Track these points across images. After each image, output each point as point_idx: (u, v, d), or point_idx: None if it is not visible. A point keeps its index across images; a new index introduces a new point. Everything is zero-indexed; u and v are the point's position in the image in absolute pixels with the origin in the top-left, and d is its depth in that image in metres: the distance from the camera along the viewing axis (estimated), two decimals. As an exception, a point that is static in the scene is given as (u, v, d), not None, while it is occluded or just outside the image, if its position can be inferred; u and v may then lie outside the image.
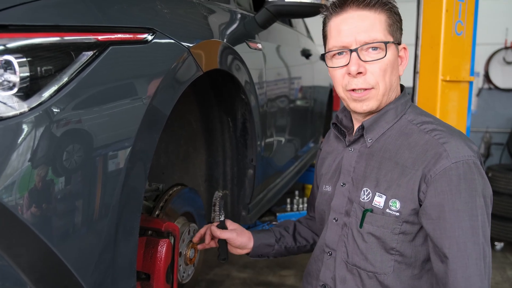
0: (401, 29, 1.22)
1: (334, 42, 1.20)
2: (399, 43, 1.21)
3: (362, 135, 1.25)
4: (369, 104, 1.20)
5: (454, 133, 1.15)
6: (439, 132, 1.15)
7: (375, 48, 1.16)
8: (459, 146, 1.10)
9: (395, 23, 1.20)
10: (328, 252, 1.30)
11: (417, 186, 1.11)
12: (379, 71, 1.17)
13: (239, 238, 1.48)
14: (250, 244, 1.49)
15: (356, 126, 1.30)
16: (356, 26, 1.16)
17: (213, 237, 1.50)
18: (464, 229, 1.07)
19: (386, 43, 1.15)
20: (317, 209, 1.41)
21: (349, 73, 1.17)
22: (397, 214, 1.14)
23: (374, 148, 1.22)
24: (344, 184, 1.28)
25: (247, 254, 1.52)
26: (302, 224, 1.59)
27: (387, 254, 1.16)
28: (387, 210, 1.15)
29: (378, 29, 1.16)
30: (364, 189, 1.20)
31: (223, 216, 1.52)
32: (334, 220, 1.29)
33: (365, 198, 1.20)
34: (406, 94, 1.27)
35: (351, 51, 1.16)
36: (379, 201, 1.17)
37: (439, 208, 1.08)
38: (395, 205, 1.14)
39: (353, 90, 1.19)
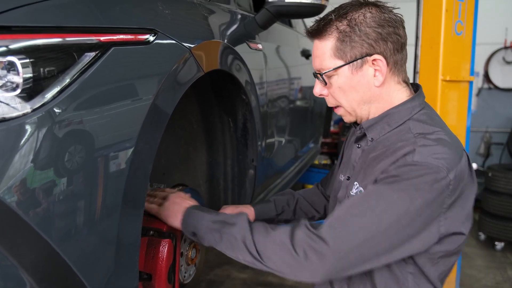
0: (363, 41, 1.15)
1: None
2: (356, 59, 1.17)
3: (365, 134, 1.27)
4: (347, 118, 1.28)
5: (445, 147, 1.09)
6: (430, 140, 1.10)
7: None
8: (434, 153, 1.06)
9: (347, 41, 1.16)
10: None
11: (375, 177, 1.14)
12: (337, 93, 1.23)
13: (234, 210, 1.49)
14: (251, 216, 1.51)
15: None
16: (313, 54, 1.25)
17: None
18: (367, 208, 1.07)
19: (334, 68, 1.19)
20: (331, 194, 1.46)
21: None
22: None
23: (372, 147, 1.24)
24: (348, 178, 1.31)
25: None
26: (305, 200, 1.62)
27: None
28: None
29: (325, 56, 1.20)
30: (355, 183, 1.24)
31: None
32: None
33: (353, 191, 1.23)
34: (417, 98, 1.22)
35: (314, 75, 1.26)
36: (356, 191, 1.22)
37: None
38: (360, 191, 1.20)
39: None
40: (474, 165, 4.42)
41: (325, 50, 1.19)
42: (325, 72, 1.20)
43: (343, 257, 1.04)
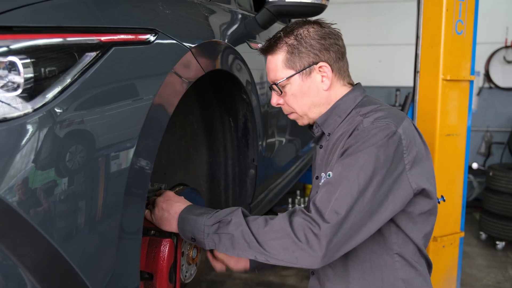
0: (309, 51, 1.30)
1: None
2: (305, 68, 1.31)
3: (323, 132, 1.38)
4: (300, 122, 1.42)
5: (385, 112, 1.23)
6: (372, 112, 1.25)
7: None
8: (377, 117, 1.21)
9: (295, 52, 1.31)
10: None
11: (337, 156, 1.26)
12: (291, 100, 1.36)
13: (236, 266, 1.56)
14: (246, 267, 1.57)
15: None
16: (267, 68, 1.38)
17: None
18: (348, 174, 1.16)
19: (286, 77, 1.32)
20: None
21: None
22: None
23: (332, 140, 1.35)
24: (317, 177, 1.41)
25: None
26: None
27: None
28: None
29: (278, 68, 1.34)
30: (322, 174, 1.35)
31: None
32: None
33: (322, 181, 1.33)
34: (357, 88, 1.37)
35: (270, 88, 1.39)
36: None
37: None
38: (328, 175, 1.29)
39: None
40: (475, 165, 4.38)
41: (277, 63, 1.33)
42: (279, 82, 1.33)
43: (338, 230, 1.11)
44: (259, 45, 1.95)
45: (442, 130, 2.38)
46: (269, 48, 1.35)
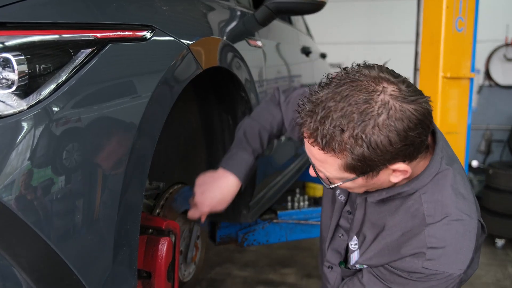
0: (381, 158, 0.92)
1: None
2: (373, 171, 0.96)
3: None
4: None
5: (454, 239, 1.00)
6: (437, 240, 1.00)
7: None
8: (445, 259, 1.00)
9: (363, 163, 0.93)
10: (329, 266, 1.32)
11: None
12: (340, 187, 1.06)
13: (224, 206, 1.40)
14: (236, 187, 1.39)
15: None
16: (313, 157, 1.01)
17: None
18: None
19: (343, 181, 1.00)
20: (324, 200, 1.36)
21: None
22: None
23: (382, 208, 1.11)
24: (350, 213, 1.23)
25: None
26: (272, 130, 1.46)
27: None
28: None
29: (331, 169, 0.98)
30: (354, 237, 1.19)
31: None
32: (340, 237, 1.29)
33: (352, 245, 1.20)
34: (432, 167, 1.03)
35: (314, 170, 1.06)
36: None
37: None
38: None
39: None
40: (475, 163, 4.37)
41: (331, 163, 0.96)
42: (333, 186, 1.03)
43: None
44: (258, 43, 1.95)
45: (442, 128, 2.37)
46: (318, 140, 0.92)
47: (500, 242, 3.91)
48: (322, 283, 1.39)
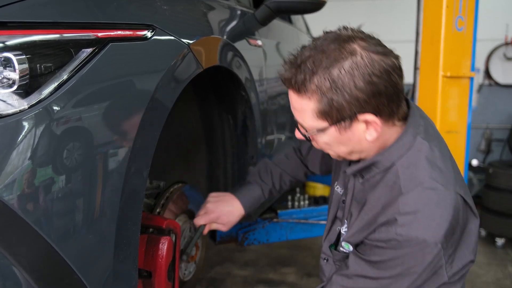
0: (351, 104, 0.99)
1: None
2: (344, 120, 1.01)
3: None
4: (332, 156, 1.18)
5: (430, 202, 1.01)
6: (412, 203, 1.02)
7: None
8: (416, 220, 1.00)
9: (332, 106, 0.99)
10: (325, 258, 1.33)
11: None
12: (323, 146, 1.13)
13: (225, 227, 1.52)
14: (240, 212, 1.52)
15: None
16: (291, 104, 1.09)
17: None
18: None
19: (318, 130, 1.05)
20: (329, 199, 1.41)
21: None
22: None
23: (364, 184, 1.16)
24: (344, 201, 1.27)
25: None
26: (287, 173, 1.60)
27: None
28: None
29: (306, 115, 1.04)
30: (345, 221, 1.23)
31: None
32: (337, 229, 1.30)
33: (343, 230, 1.24)
34: (405, 135, 1.08)
35: (295, 124, 1.14)
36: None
37: None
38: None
39: None
40: (475, 162, 4.36)
41: (305, 109, 1.03)
42: (308, 134, 1.09)
43: None
44: (258, 42, 1.95)
45: (442, 127, 2.37)
46: (293, 85, 1.03)
47: (500, 241, 3.91)
48: (320, 277, 1.39)
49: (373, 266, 1.07)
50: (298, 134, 1.14)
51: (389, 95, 1.00)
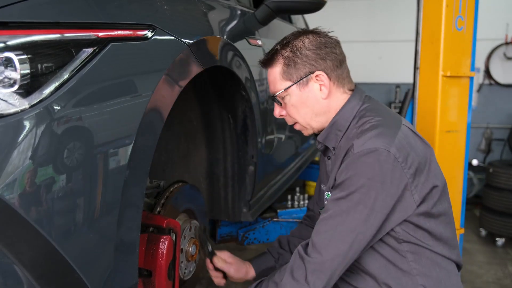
0: (305, 62, 1.31)
1: None
2: (302, 78, 1.32)
3: (326, 146, 1.39)
4: (305, 132, 1.43)
5: (377, 130, 1.22)
6: (364, 131, 1.23)
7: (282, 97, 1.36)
8: (367, 139, 1.20)
9: (291, 64, 1.32)
10: None
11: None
12: (292, 110, 1.38)
13: (237, 275, 1.60)
14: (251, 273, 1.62)
15: None
16: (268, 81, 1.41)
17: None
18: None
19: (284, 89, 1.34)
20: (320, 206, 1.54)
21: None
22: None
23: (337, 154, 1.34)
24: (323, 186, 1.47)
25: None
26: (296, 237, 1.70)
27: None
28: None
29: (276, 81, 1.36)
30: (323, 186, 1.44)
31: (210, 246, 1.59)
32: None
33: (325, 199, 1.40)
34: (355, 96, 1.35)
35: (272, 99, 1.41)
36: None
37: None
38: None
39: None
40: (475, 161, 4.37)
41: (275, 75, 1.36)
42: (278, 93, 1.36)
43: (337, 263, 1.19)
44: (259, 42, 1.95)
45: (442, 126, 2.37)
46: (267, 61, 1.38)
47: (500, 240, 3.92)
48: None
49: (341, 187, 1.20)
50: (276, 111, 1.41)
51: (333, 60, 1.33)
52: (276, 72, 1.35)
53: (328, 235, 1.20)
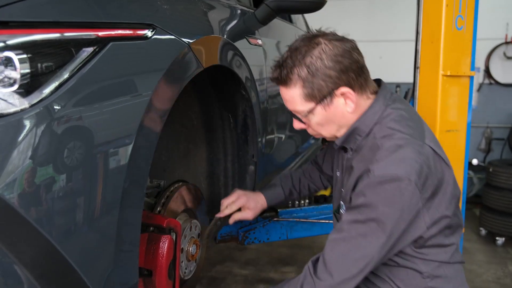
0: (326, 81, 1.21)
1: None
2: (325, 97, 1.22)
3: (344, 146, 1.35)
4: (329, 139, 1.38)
5: (397, 150, 1.16)
6: (385, 150, 1.18)
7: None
8: (389, 162, 1.15)
9: (312, 85, 1.21)
10: None
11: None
12: (316, 127, 1.31)
13: (252, 212, 1.70)
14: (263, 203, 1.73)
15: None
16: (283, 98, 1.31)
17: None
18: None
19: (308, 111, 1.26)
20: (334, 186, 1.55)
21: None
22: None
23: (354, 153, 1.31)
24: (342, 180, 1.41)
25: None
26: (306, 178, 1.82)
27: None
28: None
29: (296, 102, 1.26)
30: (342, 190, 1.39)
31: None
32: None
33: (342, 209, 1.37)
34: (376, 102, 1.27)
35: (291, 114, 1.34)
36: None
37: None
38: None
39: None
40: (475, 161, 4.36)
41: (294, 96, 1.25)
42: (301, 115, 1.28)
43: (346, 285, 1.19)
44: (259, 41, 1.95)
45: (442, 126, 2.37)
46: (282, 81, 1.26)
47: (500, 240, 3.92)
48: None
49: (359, 210, 1.17)
50: (296, 124, 1.34)
51: (354, 69, 1.23)
52: (295, 94, 1.24)
53: (341, 258, 1.19)
